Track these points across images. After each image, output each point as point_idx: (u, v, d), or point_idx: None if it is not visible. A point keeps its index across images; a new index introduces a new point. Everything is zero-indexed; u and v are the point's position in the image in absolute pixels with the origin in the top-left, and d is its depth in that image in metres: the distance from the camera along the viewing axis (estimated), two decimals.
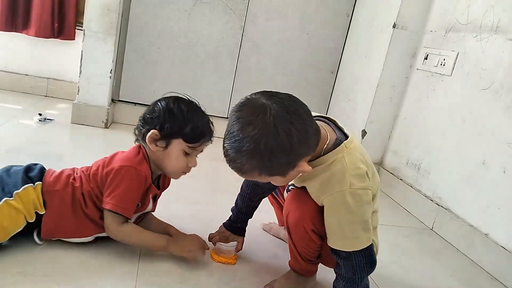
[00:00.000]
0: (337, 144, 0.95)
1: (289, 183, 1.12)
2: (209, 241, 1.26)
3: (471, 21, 1.76)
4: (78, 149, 2.02)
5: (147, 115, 1.13)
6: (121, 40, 2.36)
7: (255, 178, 0.92)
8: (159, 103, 1.13)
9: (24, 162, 1.64)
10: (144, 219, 1.24)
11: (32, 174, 1.10)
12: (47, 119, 2.22)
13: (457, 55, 1.80)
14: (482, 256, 1.53)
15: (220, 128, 1.18)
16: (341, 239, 0.96)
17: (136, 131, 1.16)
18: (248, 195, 1.26)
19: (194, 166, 1.15)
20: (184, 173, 1.17)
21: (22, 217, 1.04)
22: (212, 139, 1.14)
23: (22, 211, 1.04)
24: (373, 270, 1.00)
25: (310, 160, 0.93)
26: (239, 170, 0.90)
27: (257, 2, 2.43)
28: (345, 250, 0.96)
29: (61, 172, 1.14)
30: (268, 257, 1.29)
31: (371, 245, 0.98)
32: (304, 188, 1.01)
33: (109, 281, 1.03)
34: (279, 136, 0.83)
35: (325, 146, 0.94)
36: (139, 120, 1.15)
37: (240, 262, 1.23)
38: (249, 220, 1.30)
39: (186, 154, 1.12)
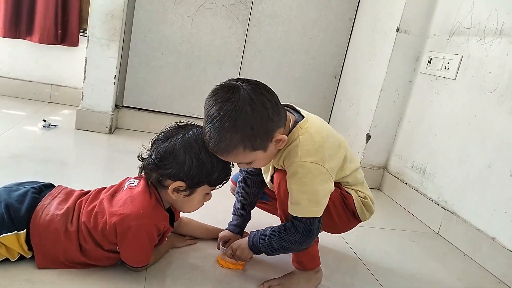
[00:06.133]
0: (294, 125, 1.06)
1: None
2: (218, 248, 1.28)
3: (475, 25, 1.76)
4: (82, 155, 2.02)
5: (165, 160, 1.03)
6: (124, 46, 2.37)
7: (240, 157, 0.99)
8: (183, 150, 1.02)
9: (29, 168, 1.67)
10: None
11: (17, 215, 0.99)
12: (51, 125, 2.23)
13: (461, 58, 1.81)
14: (489, 260, 1.52)
15: None
16: (290, 203, 1.04)
17: (145, 172, 1.08)
18: (243, 192, 1.31)
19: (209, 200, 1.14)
20: None
21: (1, 256, 1.00)
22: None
23: (3, 254, 0.99)
24: (303, 247, 1.06)
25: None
26: (225, 150, 0.97)
27: (260, 8, 2.44)
28: (291, 214, 1.04)
29: (50, 221, 1.01)
30: (277, 261, 1.28)
31: (315, 220, 1.03)
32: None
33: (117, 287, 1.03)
34: (255, 105, 0.94)
35: (289, 128, 1.06)
36: (152, 160, 1.05)
37: (248, 268, 1.22)
38: (257, 227, 1.29)
39: (206, 194, 1.11)
